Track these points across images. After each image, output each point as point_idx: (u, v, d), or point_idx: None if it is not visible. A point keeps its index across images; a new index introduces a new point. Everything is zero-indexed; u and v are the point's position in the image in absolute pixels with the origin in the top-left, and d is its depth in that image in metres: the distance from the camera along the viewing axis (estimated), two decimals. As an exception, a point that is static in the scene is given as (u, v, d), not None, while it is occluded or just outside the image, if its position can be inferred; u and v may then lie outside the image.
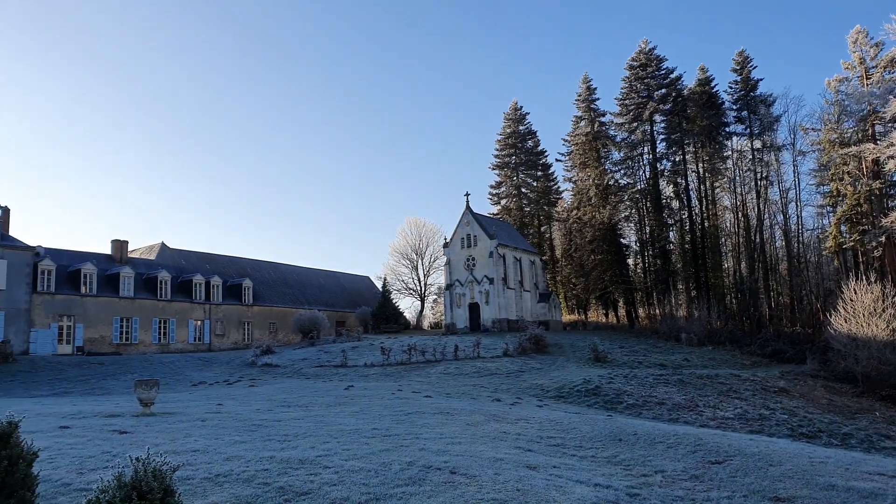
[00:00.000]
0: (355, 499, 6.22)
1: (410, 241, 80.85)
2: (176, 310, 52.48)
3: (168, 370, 34.69)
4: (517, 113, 78.25)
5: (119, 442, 10.03)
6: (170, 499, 4.10)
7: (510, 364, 33.64)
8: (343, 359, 35.89)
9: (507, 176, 78.27)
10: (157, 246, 59.96)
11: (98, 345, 46.49)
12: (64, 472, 7.52)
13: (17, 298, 42.93)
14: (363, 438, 10.65)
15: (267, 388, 25.60)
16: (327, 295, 70.93)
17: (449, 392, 24.15)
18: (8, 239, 44.14)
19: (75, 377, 32.25)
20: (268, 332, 58.69)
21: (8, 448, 5.27)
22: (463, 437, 11.33)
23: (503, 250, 58.35)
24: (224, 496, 6.30)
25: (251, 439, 10.38)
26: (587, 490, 7.63)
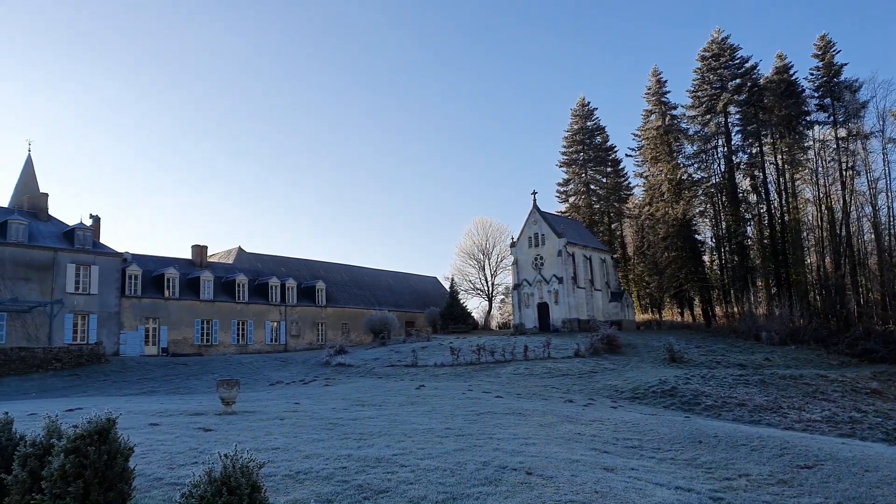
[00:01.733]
0: (433, 497, 6.25)
1: (477, 241, 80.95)
2: (253, 312, 54.40)
3: (247, 370, 35.95)
4: (584, 109, 77.04)
5: (204, 439, 10.46)
6: (256, 494, 4.24)
7: (582, 364, 33.13)
8: (413, 359, 36.25)
9: (575, 173, 77.18)
10: (235, 250, 62.33)
11: (181, 346, 48.74)
12: (156, 467, 7.90)
13: (108, 302, 45.53)
14: (437, 438, 10.72)
15: (341, 388, 26.16)
16: (397, 296, 71.87)
17: (520, 392, 24.01)
18: (99, 246, 46.88)
19: (161, 377, 33.89)
20: (340, 333, 60.05)
21: (107, 443, 5.58)
22: (537, 438, 11.23)
23: (572, 249, 57.52)
24: (305, 493, 6.46)
25: (328, 437, 10.61)
26: (668, 493, 7.41)
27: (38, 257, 42.69)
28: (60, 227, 46.44)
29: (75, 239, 45.03)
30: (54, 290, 42.64)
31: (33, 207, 47.12)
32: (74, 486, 5.14)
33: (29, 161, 54.15)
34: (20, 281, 41.52)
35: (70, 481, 5.19)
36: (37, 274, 42.45)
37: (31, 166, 53.97)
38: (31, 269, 42.24)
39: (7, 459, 6.21)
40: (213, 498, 4.04)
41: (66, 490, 5.17)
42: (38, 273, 42.49)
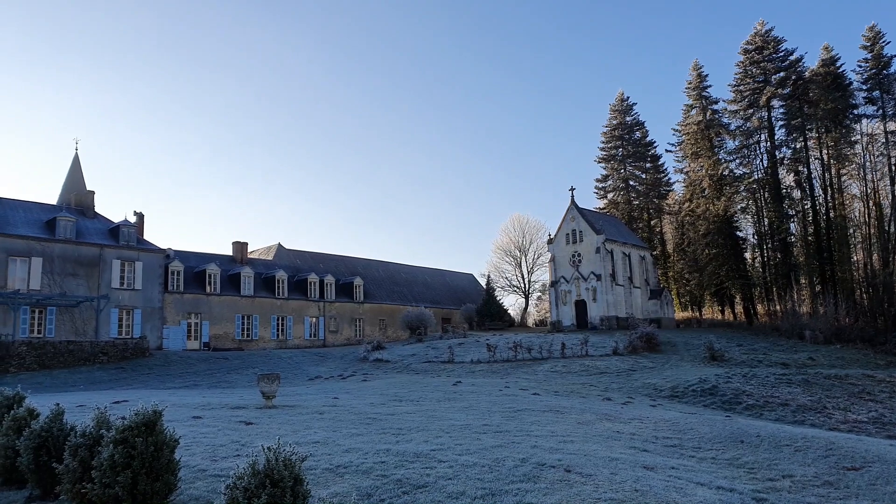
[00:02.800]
0: (471, 493, 6.25)
1: (514, 238, 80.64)
2: (292, 307, 55.21)
3: (286, 365, 36.51)
4: (623, 104, 76.04)
5: (246, 432, 10.65)
6: (299, 487, 4.29)
7: (620, 362, 32.76)
8: (450, 355, 36.33)
9: (613, 169, 76.26)
10: (274, 247, 63.35)
11: (222, 341, 49.75)
12: (199, 459, 8.07)
13: (152, 297, 46.72)
14: (474, 434, 10.71)
15: (379, 383, 26.38)
16: (433, 292, 72.10)
17: (557, 390, 23.86)
18: (142, 243, 48.13)
19: (203, 371, 34.64)
20: (378, 329, 60.56)
21: (153, 435, 5.72)
22: (575, 436, 11.14)
23: (611, 245, 56.86)
24: (345, 487, 6.53)
25: (367, 432, 10.70)
26: (709, 493, 7.28)
27: (85, 254, 44.05)
28: (106, 224, 47.81)
29: (120, 235, 46.31)
30: (100, 286, 43.93)
31: (80, 205, 48.61)
32: (123, 476, 5.29)
33: (76, 160, 55.86)
34: (68, 276, 42.91)
35: (119, 471, 5.34)
36: (84, 270, 43.79)
37: (79, 165, 55.66)
38: (78, 265, 43.62)
39: (59, 449, 6.42)
40: (257, 490, 4.11)
41: (115, 480, 5.31)
42: (85, 269, 43.84)
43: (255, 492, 4.12)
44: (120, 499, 5.29)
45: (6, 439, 7.17)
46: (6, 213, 42.97)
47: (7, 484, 7.23)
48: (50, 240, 42.62)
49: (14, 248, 41.10)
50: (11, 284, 40.07)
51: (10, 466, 7.09)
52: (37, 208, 45.79)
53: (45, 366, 34.75)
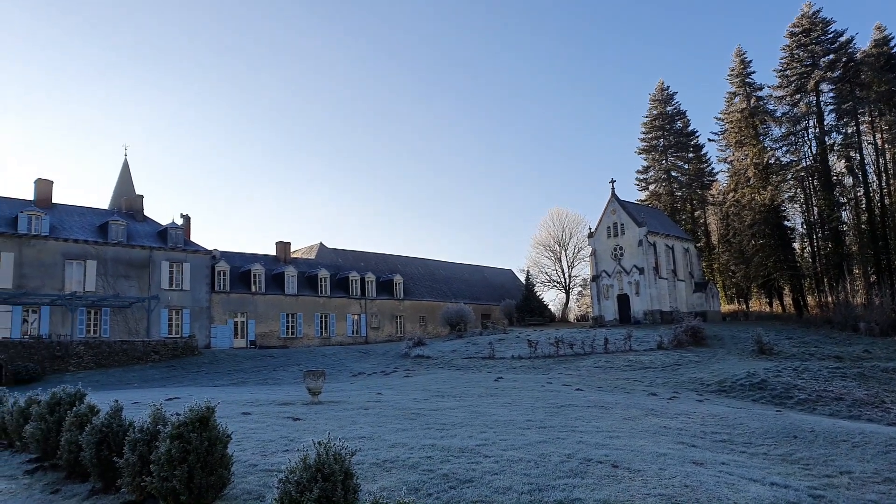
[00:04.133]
0: (518, 488, 6.26)
1: (553, 232, 79.98)
2: (335, 305, 55.98)
3: (330, 361, 37.03)
4: (664, 93, 74.68)
5: (294, 428, 10.86)
6: (349, 481, 4.37)
7: (665, 357, 32.26)
8: (490, 351, 36.31)
9: (654, 160, 75.00)
10: (316, 246, 64.28)
11: (268, 339, 50.75)
12: (250, 454, 8.27)
13: (199, 297, 47.94)
14: (518, 429, 10.71)
15: (421, 379, 26.54)
16: (472, 288, 72.13)
17: (601, 385, 23.64)
18: (190, 244, 49.41)
19: (250, 368, 35.40)
20: (418, 325, 60.92)
21: (207, 430, 5.89)
22: (621, 431, 11.03)
23: (653, 238, 55.95)
24: (392, 481, 6.61)
25: (412, 427, 10.80)
26: (763, 489, 7.12)
27: (136, 256, 45.46)
28: (155, 226, 49.24)
29: (168, 238, 47.65)
30: (150, 287, 45.28)
31: (130, 209, 50.17)
32: (180, 470, 5.47)
33: (126, 165, 57.70)
34: (120, 278, 44.36)
35: (176, 465, 5.52)
36: (135, 271, 45.21)
37: (128, 170, 57.49)
38: (130, 266, 45.05)
39: (118, 444, 6.67)
40: (309, 484, 4.20)
41: (172, 473, 5.50)
42: (136, 270, 45.25)
43: (308, 485, 4.21)
44: (177, 492, 5.47)
45: (69, 434, 7.48)
46: (63, 219, 44.64)
47: (71, 477, 7.54)
48: (103, 243, 44.12)
49: (70, 251, 42.69)
50: (69, 287, 41.64)
51: (74, 461, 7.40)
52: (90, 213, 47.44)
53: (102, 364, 36.03)
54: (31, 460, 8.88)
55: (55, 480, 7.61)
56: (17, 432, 9.57)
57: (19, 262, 40.50)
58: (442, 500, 5.95)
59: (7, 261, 40.02)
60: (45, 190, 45.57)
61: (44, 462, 8.52)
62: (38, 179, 45.33)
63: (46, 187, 45.69)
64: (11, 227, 41.08)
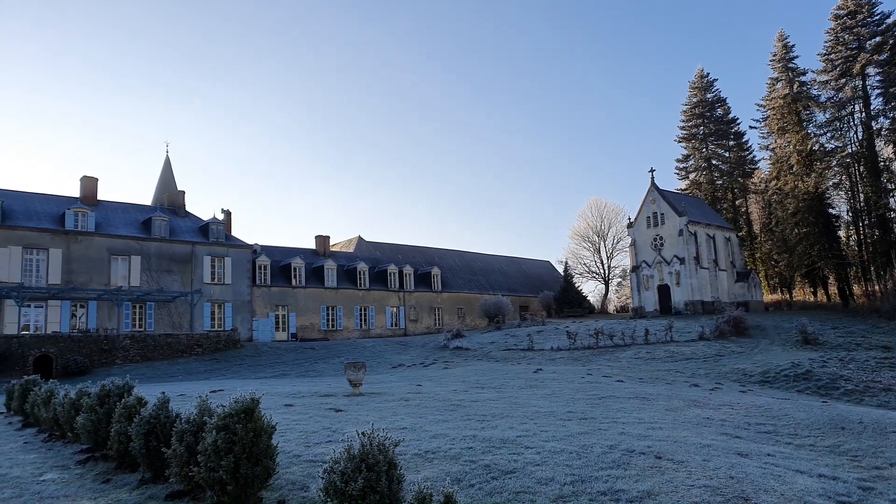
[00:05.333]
0: (560, 479, 6.22)
1: (591, 222, 79.20)
2: (374, 298, 56.47)
3: (370, 353, 37.39)
4: (703, 80, 73.03)
5: (336, 419, 10.99)
6: (393, 471, 4.40)
7: (707, 348, 31.70)
8: (529, 342, 36.19)
9: (694, 148, 73.53)
10: (355, 239, 64.91)
11: (308, 331, 51.48)
12: (294, 445, 8.40)
13: (241, 291, 48.84)
14: (559, 421, 10.64)
15: (460, 371, 26.61)
16: (510, 280, 71.95)
17: (641, 377, 23.36)
18: (231, 239, 50.34)
19: (291, 360, 35.97)
20: (456, 317, 61.06)
21: (252, 422, 5.99)
22: (663, 423, 10.87)
23: (694, 227, 54.92)
24: (435, 472, 6.64)
25: (452, 418, 10.83)
26: (810, 481, 6.94)
27: (178, 251, 46.53)
28: (197, 222, 50.29)
29: (210, 233, 48.62)
30: (193, 281, 46.31)
31: (172, 204, 51.34)
32: (226, 461, 5.57)
33: (167, 162, 59.00)
34: (164, 273, 45.48)
35: (222, 456, 5.62)
36: (178, 266, 46.29)
37: (170, 166, 58.77)
38: (173, 261, 46.14)
39: (166, 435, 6.84)
40: (354, 474, 4.24)
41: (219, 464, 5.60)
42: (179, 265, 46.33)
43: (352, 475, 4.25)
44: (224, 482, 5.57)
45: (119, 426, 7.69)
46: (108, 215, 45.94)
47: (121, 467, 7.76)
48: (146, 239, 45.27)
49: (116, 247, 43.92)
50: (114, 282, 42.87)
51: (124, 451, 7.61)
52: (134, 209, 48.71)
53: (147, 357, 37.06)
54: (82, 451, 9.15)
55: (106, 470, 7.84)
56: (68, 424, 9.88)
57: (67, 258, 41.84)
58: (484, 491, 5.95)
59: (55, 257, 41.39)
60: (90, 187, 46.91)
61: (95, 452, 8.78)
62: (83, 177, 46.69)
63: (91, 184, 47.02)
64: (59, 223, 42.44)
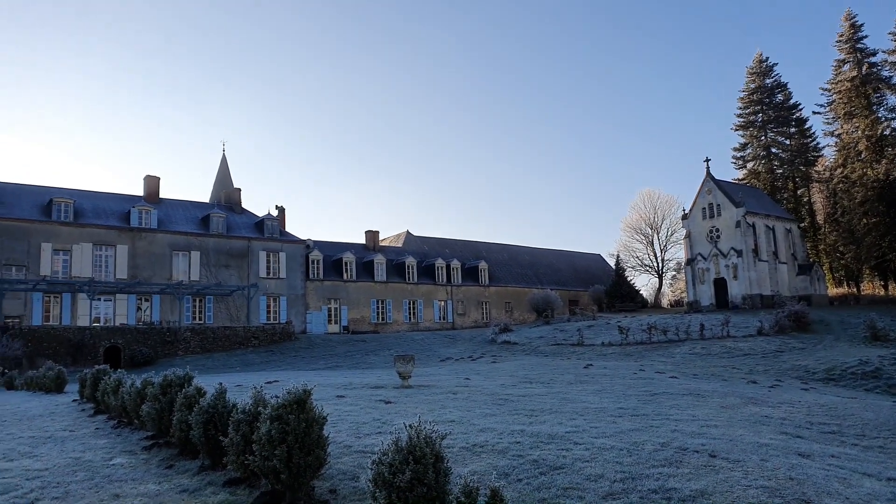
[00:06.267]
0: (610, 476, 6.15)
1: (644, 214, 77.62)
2: (422, 292, 56.89)
3: (418, 347, 37.69)
4: (762, 65, 70.52)
5: (386, 410, 11.14)
6: (440, 464, 4.43)
7: (766, 343, 30.70)
8: (579, 337, 35.79)
9: (753, 136, 71.17)
10: (403, 234, 65.45)
11: (359, 324, 52.28)
12: (345, 436, 8.55)
13: (295, 285, 49.94)
14: (609, 417, 10.51)
15: (508, 365, 26.54)
16: (559, 274, 71.27)
17: (696, 373, 22.82)
18: (285, 235, 51.49)
19: (343, 353, 36.60)
20: (504, 311, 60.91)
21: (304, 412, 6.13)
22: (718, 420, 10.60)
23: (752, 219, 53.23)
24: (482, 465, 6.66)
25: (500, 412, 10.83)
26: (878, 484, 6.65)
27: (235, 246, 47.90)
28: (252, 218, 51.65)
29: (265, 229, 49.88)
30: (249, 276, 47.60)
31: (229, 201, 52.83)
32: (280, 450, 5.72)
33: (224, 160, 60.65)
34: (222, 268, 46.89)
35: (276, 445, 5.78)
36: (235, 261, 47.65)
37: (226, 164, 60.40)
38: (230, 256, 47.53)
39: (224, 424, 7.07)
40: (401, 466, 4.30)
41: (273, 453, 5.76)
42: (235, 260, 47.69)
43: (400, 467, 4.31)
44: (278, 471, 5.73)
45: (180, 414, 8.00)
46: (169, 213, 47.62)
47: (182, 454, 8.08)
48: (205, 235, 46.76)
49: (176, 243, 45.52)
50: (176, 276, 44.45)
51: (185, 438, 7.91)
52: (193, 206, 50.33)
53: (206, 349, 38.32)
54: (147, 437, 9.58)
55: (169, 456, 8.17)
56: (135, 411, 10.34)
57: (132, 253, 43.59)
58: (532, 486, 5.94)
59: (122, 253, 43.18)
60: (153, 186, 48.71)
61: (159, 439, 9.17)
62: (146, 176, 48.50)
63: (154, 183, 48.81)
64: (125, 221, 44.22)
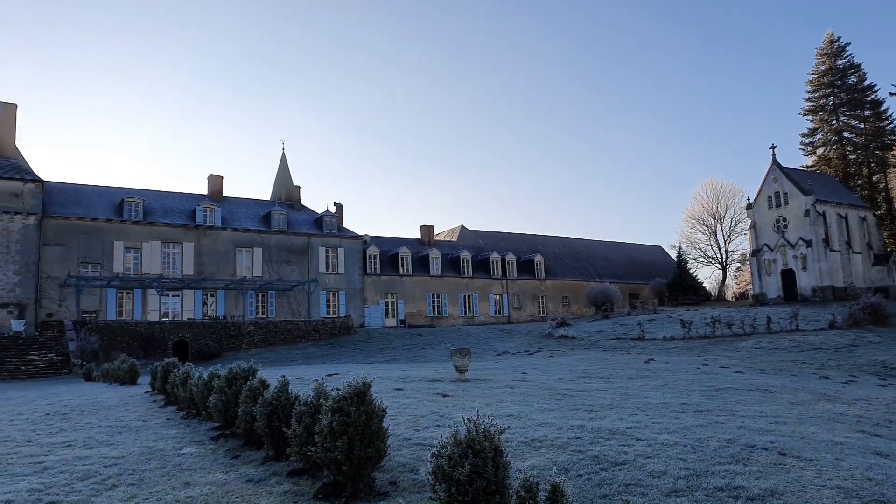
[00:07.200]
0: (673, 473, 6.00)
1: (707, 204, 75.34)
2: (477, 286, 56.92)
3: (474, 340, 37.71)
4: (834, 46, 67.22)
5: (443, 404, 11.19)
6: (499, 458, 4.41)
7: (838, 337, 29.37)
8: (640, 331, 35.10)
9: (823, 120, 68.05)
10: (458, 228, 65.55)
11: (415, 318, 52.74)
12: (404, 428, 8.63)
13: (353, 280, 50.77)
14: (672, 412, 10.26)
15: (566, 359, 26.26)
16: (617, 267, 70.02)
17: (763, 368, 22.04)
18: (343, 230, 52.37)
19: (400, 346, 36.97)
20: (561, 305, 60.27)
21: (364, 405, 6.21)
22: (788, 417, 10.20)
23: (822, 207, 50.95)
24: (542, 460, 6.60)
25: (559, 408, 10.71)
26: (964, 488, 6.26)
27: (295, 243, 49.05)
28: (311, 215, 52.76)
29: (324, 225, 50.90)
30: (309, 271, 48.66)
31: (289, 199, 54.10)
32: (341, 442, 5.82)
33: (283, 158, 62.07)
34: (283, 263, 48.11)
35: (337, 437, 5.88)
36: (295, 257, 48.81)
37: (286, 163, 61.82)
38: (290, 252, 48.71)
39: (286, 416, 7.24)
40: (461, 459, 4.30)
41: (334, 445, 5.86)
42: (296, 256, 48.84)
43: (459, 461, 4.31)
44: (339, 462, 5.83)
45: (245, 406, 8.25)
46: (232, 211, 49.14)
47: (248, 445, 8.33)
48: (267, 231, 48.07)
49: (240, 240, 46.95)
50: (239, 272, 45.87)
51: (250, 429, 8.15)
52: (254, 204, 51.77)
53: (270, 343, 39.39)
54: (214, 428, 9.92)
55: (235, 447, 8.43)
56: (202, 403, 10.72)
57: (198, 251, 45.18)
58: (593, 482, 5.85)
59: (188, 250, 44.82)
60: (216, 184, 50.32)
61: (225, 430, 9.48)
62: (210, 175, 50.11)
63: (217, 182, 50.40)
64: (190, 219, 45.86)
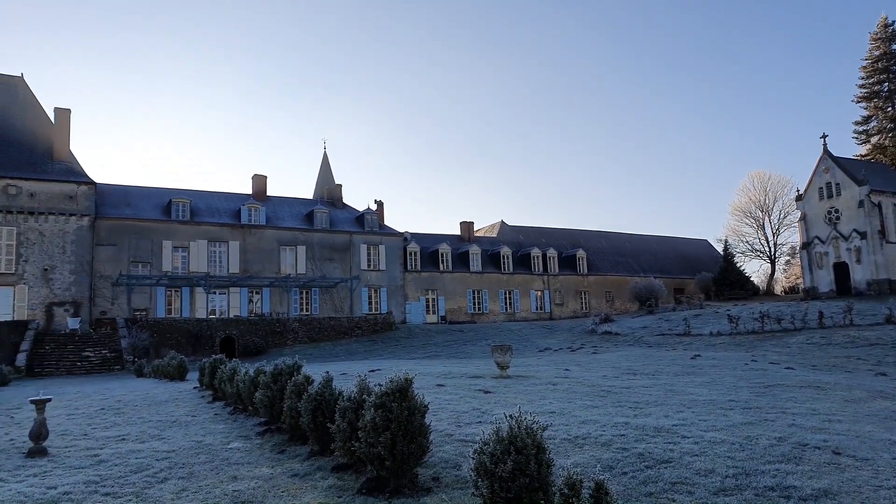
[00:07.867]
0: (721, 472, 5.87)
1: (754, 197, 73.31)
2: (518, 282, 56.64)
3: (516, 337, 37.55)
4: (888, 30, 64.60)
5: (485, 400, 11.18)
6: (541, 455, 4.39)
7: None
8: (685, 327, 34.41)
9: (877, 107, 65.52)
10: (498, 224, 65.31)
11: (456, 314, 52.80)
12: (445, 424, 8.67)
13: (394, 277, 51.13)
14: (720, 410, 10.04)
15: (609, 356, 25.93)
16: (662, 261, 68.79)
17: (815, 364, 21.36)
18: (384, 228, 52.77)
19: (441, 342, 37.07)
20: (604, 301, 59.53)
21: (406, 401, 6.25)
22: (842, 415, 9.87)
23: (878, 197, 49.08)
24: (586, 458, 6.54)
25: (602, 404, 10.60)
26: None
27: (338, 240, 49.65)
28: (353, 213, 53.32)
29: (365, 223, 51.40)
30: (352, 268, 49.22)
31: (331, 197, 54.77)
32: (384, 437, 5.87)
33: (325, 157, 62.89)
34: (326, 261, 48.76)
35: (380, 432, 5.94)
36: (338, 254, 49.41)
37: (327, 162, 62.63)
38: (333, 250, 49.33)
39: (330, 411, 7.34)
40: (503, 456, 4.30)
41: (377, 440, 5.92)
42: (338, 254, 49.44)
43: (501, 458, 4.31)
44: (382, 457, 5.89)
45: (290, 402, 8.39)
46: (276, 210, 50.03)
47: (293, 440, 8.48)
48: (310, 230, 48.79)
49: (284, 238, 47.78)
50: (283, 270, 46.69)
51: (294, 425, 8.30)
52: (297, 203, 52.59)
53: (313, 339, 39.98)
54: (260, 423, 10.13)
55: (281, 442, 8.60)
56: (249, 399, 10.96)
57: (243, 249, 46.14)
58: (638, 480, 5.77)
59: (234, 249, 45.81)
60: (260, 184, 51.29)
61: (271, 425, 9.67)
62: (254, 175, 51.13)
63: (261, 182, 51.37)
64: (235, 218, 46.86)
